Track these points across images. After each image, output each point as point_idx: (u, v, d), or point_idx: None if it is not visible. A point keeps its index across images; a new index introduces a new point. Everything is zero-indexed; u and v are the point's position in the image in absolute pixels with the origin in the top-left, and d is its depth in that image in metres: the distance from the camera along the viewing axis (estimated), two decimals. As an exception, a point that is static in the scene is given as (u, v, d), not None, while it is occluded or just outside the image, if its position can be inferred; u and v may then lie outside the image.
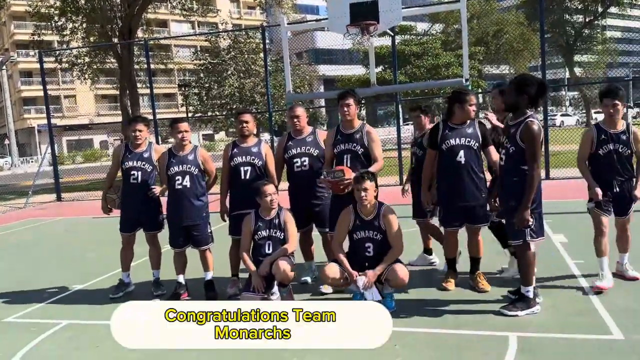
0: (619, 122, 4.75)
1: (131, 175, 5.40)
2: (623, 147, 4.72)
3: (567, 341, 3.75)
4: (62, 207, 14.27)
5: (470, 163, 4.75)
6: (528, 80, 4.22)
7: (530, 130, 4.10)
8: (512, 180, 4.24)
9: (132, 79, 19.52)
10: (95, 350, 4.21)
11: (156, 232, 5.53)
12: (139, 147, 5.47)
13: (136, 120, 5.56)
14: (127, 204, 5.48)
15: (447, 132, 4.80)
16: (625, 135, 4.73)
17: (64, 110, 51.58)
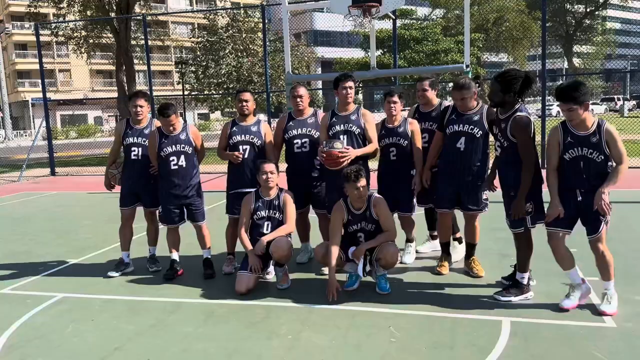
0: (588, 122, 3.91)
1: (132, 152, 5.36)
2: (593, 152, 3.91)
3: (559, 327, 3.80)
4: (56, 182, 14.21)
5: (470, 151, 4.71)
6: (512, 77, 4.17)
7: (520, 124, 4.10)
8: (509, 173, 4.27)
9: (129, 55, 19.33)
10: (91, 324, 4.23)
11: (156, 209, 5.51)
12: (140, 123, 5.42)
13: (137, 95, 5.49)
14: (127, 180, 5.46)
15: (453, 117, 4.81)
16: (596, 137, 3.90)
17: (58, 84, 51.06)
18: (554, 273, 4.96)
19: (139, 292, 4.95)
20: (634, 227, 6.57)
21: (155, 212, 5.53)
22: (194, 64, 28.29)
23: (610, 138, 3.89)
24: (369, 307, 4.30)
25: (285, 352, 3.60)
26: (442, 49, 28.55)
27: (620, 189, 9.28)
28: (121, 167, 5.52)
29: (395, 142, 5.08)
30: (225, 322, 4.15)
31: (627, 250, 5.63)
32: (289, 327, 4.00)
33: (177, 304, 4.57)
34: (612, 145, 3.89)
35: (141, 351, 3.70)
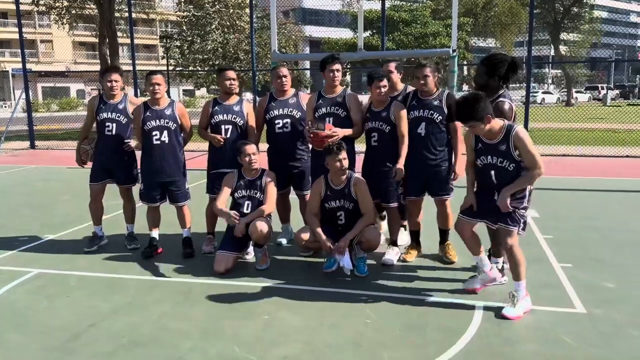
0: (495, 131, 3.79)
1: (106, 127, 5.28)
2: (503, 160, 3.80)
3: (531, 312, 3.87)
4: (35, 155, 13.99)
5: (431, 136, 4.71)
6: (498, 60, 4.19)
7: (502, 111, 4.11)
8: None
9: (112, 27, 18.93)
10: (66, 300, 4.21)
11: (131, 185, 5.47)
12: (114, 98, 5.33)
13: (110, 70, 5.37)
14: (100, 156, 5.39)
15: (414, 103, 4.79)
16: (504, 145, 3.78)
17: (39, 55, 49.94)
18: (528, 260, 5.05)
19: (116, 269, 4.93)
20: (609, 216, 6.70)
21: (131, 189, 5.49)
22: (179, 39, 27.81)
23: (519, 143, 3.74)
24: (346, 289, 4.34)
25: (261, 331, 3.62)
26: (431, 32, 28.49)
27: (597, 177, 9.48)
28: (94, 143, 5.44)
29: (377, 127, 4.87)
30: (202, 301, 4.16)
31: (600, 237, 5.74)
32: (266, 307, 4.02)
33: (155, 282, 4.57)
34: (522, 151, 3.75)
35: (116, 329, 3.70)
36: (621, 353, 3.29)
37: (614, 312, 3.85)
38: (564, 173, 10.11)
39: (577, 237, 5.77)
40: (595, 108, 29.80)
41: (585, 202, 7.47)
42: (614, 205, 7.31)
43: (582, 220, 6.49)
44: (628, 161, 11.55)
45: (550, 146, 13.14)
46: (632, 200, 7.58)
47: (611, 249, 5.33)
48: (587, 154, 12.34)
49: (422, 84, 4.70)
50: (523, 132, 3.79)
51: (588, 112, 22.38)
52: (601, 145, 12.96)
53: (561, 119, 19.20)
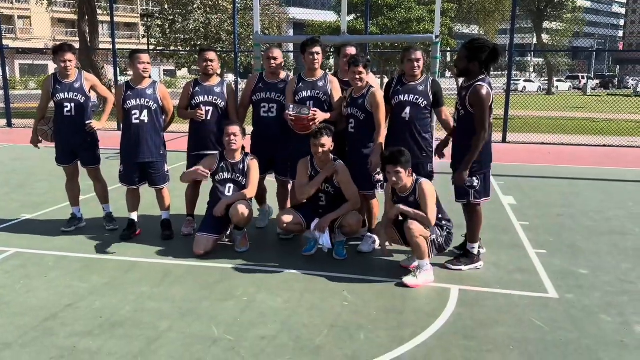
0: (408, 185, 4.28)
1: (64, 108, 5.16)
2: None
3: (505, 296, 3.96)
4: (12, 134, 13.73)
5: (415, 121, 4.67)
6: (480, 45, 4.23)
7: (478, 95, 4.15)
8: (462, 142, 4.35)
9: (92, 4, 18.54)
10: (44, 280, 4.17)
11: (96, 166, 5.42)
12: (69, 78, 5.20)
13: (63, 49, 5.16)
14: (61, 137, 5.28)
15: (398, 88, 4.74)
16: (413, 196, 4.26)
17: (17, 31, 48.71)
18: (503, 244, 5.15)
19: (94, 250, 4.90)
20: (585, 203, 6.83)
21: (98, 169, 5.45)
22: (161, 18, 27.36)
23: (421, 194, 4.22)
24: (324, 272, 4.38)
25: (239, 313, 3.65)
26: (415, 17, 28.40)
27: (575, 166, 9.64)
28: (51, 123, 5.34)
29: (353, 114, 4.76)
30: (181, 282, 4.17)
31: (576, 225, 5.86)
32: (245, 289, 4.05)
33: (133, 263, 4.56)
34: (422, 202, 4.21)
35: (94, 309, 3.69)
36: (591, 336, 3.38)
37: (586, 298, 3.96)
38: (543, 161, 10.27)
39: (552, 224, 5.89)
40: (575, 97, 30.18)
41: (562, 190, 7.61)
42: (591, 193, 7.46)
43: (559, 207, 6.61)
44: (606, 150, 11.76)
45: (530, 134, 13.30)
46: (608, 189, 7.74)
47: (586, 236, 5.45)
48: (566, 142, 12.53)
49: (416, 66, 4.63)
50: (427, 185, 4.27)
51: (568, 101, 22.63)
52: (580, 134, 13.17)
53: (542, 108, 19.41)
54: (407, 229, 4.15)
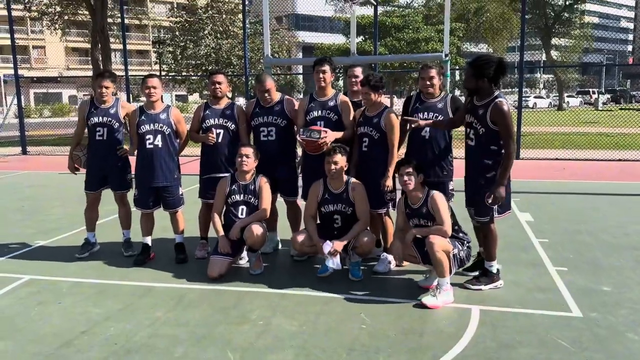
0: (419, 194, 4.33)
1: (97, 132, 5.21)
2: (427, 221, 4.31)
3: (526, 316, 3.86)
4: (27, 161, 13.88)
5: (436, 138, 4.64)
6: (485, 61, 4.17)
7: (502, 111, 4.10)
8: (482, 161, 4.26)
9: (105, 33, 18.88)
10: (58, 307, 4.14)
11: (125, 191, 5.41)
12: (105, 103, 5.26)
13: (103, 75, 5.28)
14: (93, 162, 5.32)
15: (417, 106, 4.73)
16: (425, 208, 4.32)
17: (32, 61, 49.73)
18: (523, 262, 5.05)
19: (108, 275, 4.87)
20: (603, 219, 6.71)
21: (125, 195, 5.43)
22: (172, 44, 27.80)
23: (434, 205, 4.23)
24: (340, 294, 4.30)
25: (255, 337, 3.58)
26: (423, 37, 28.56)
27: (591, 181, 9.50)
28: (86, 150, 5.38)
29: (367, 132, 4.75)
30: (196, 306, 4.12)
31: (595, 241, 5.74)
32: (260, 312, 3.98)
33: (147, 288, 4.51)
34: (436, 214, 4.22)
35: (108, 335, 3.64)
36: (619, 356, 3.27)
37: (611, 316, 3.84)
38: (558, 177, 10.14)
39: (571, 240, 5.77)
40: (587, 112, 30.04)
41: (579, 206, 7.48)
42: (608, 208, 7.32)
43: (577, 223, 6.49)
44: (622, 164, 11.60)
45: (544, 150, 13.19)
46: (626, 204, 7.60)
47: (606, 252, 5.33)
48: (581, 157, 12.38)
49: (428, 85, 4.62)
50: (439, 196, 4.27)
51: (580, 116, 22.51)
52: (595, 149, 13.02)
53: (554, 123, 19.29)
54: (428, 244, 4.08)
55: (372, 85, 4.68)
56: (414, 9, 33.84)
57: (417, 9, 34.42)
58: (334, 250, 4.46)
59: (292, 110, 5.16)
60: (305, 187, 5.05)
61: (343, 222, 4.68)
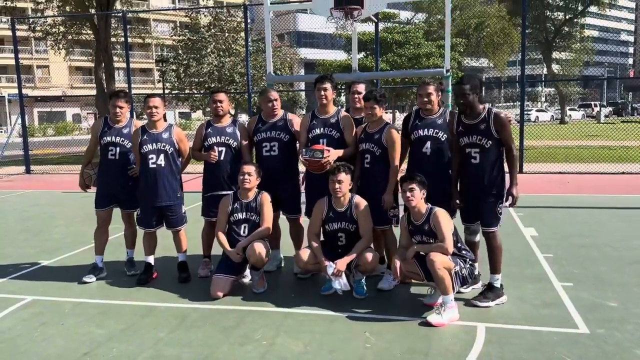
0: (421, 210, 4.32)
1: (109, 151, 5.22)
2: (429, 238, 4.28)
3: (533, 333, 3.81)
4: (30, 180, 13.92)
5: (437, 155, 4.63)
6: (473, 77, 4.40)
7: (503, 119, 4.31)
8: (491, 173, 4.32)
9: (108, 52, 19.04)
10: (61, 328, 4.12)
11: (133, 210, 5.38)
12: (119, 123, 5.27)
13: (117, 95, 5.31)
14: (104, 180, 5.31)
15: (417, 123, 4.71)
16: (428, 225, 4.29)
17: (36, 80, 50.20)
18: (528, 278, 5.01)
19: (111, 295, 4.85)
20: (608, 233, 6.66)
21: (133, 214, 5.41)
22: (175, 63, 28.02)
23: (436, 222, 4.20)
24: (345, 312, 4.27)
25: (259, 357, 3.55)
26: (424, 53, 28.67)
27: (595, 194, 9.46)
28: (97, 168, 5.39)
29: (369, 149, 4.75)
30: (199, 326, 4.09)
31: (600, 255, 5.70)
32: (264, 332, 3.95)
33: (150, 308, 4.49)
34: (438, 231, 4.18)
35: (111, 356, 3.61)
36: (627, 374, 3.22)
37: (617, 332, 3.80)
38: (562, 190, 10.11)
39: (576, 255, 5.73)
40: (589, 125, 30.01)
41: (584, 220, 7.44)
42: (613, 222, 7.28)
43: (582, 238, 6.45)
44: (626, 178, 11.57)
45: (547, 164, 13.17)
46: (630, 217, 7.56)
47: (612, 267, 5.29)
48: (584, 171, 12.35)
49: (426, 101, 4.64)
50: (441, 212, 4.24)
51: (582, 130, 22.51)
52: (598, 162, 12.99)
53: (556, 137, 19.29)
54: (429, 261, 4.06)
55: (377, 99, 4.70)
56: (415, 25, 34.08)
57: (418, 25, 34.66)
58: (337, 271, 4.43)
59: (294, 126, 5.18)
60: (308, 205, 5.04)
61: (347, 240, 4.66)
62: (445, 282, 4.03)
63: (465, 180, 4.48)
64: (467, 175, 4.45)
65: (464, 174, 4.48)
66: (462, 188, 4.52)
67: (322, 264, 4.51)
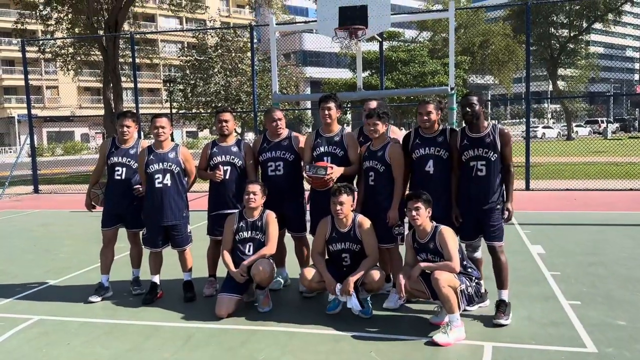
0: (426, 228, 4.35)
1: (116, 171, 5.26)
2: (434, 256, 4.29)
3: (541, 353, 3.77)
4: (39, 200, 14.02)
5: (440, 173, 4.61)
6: (481, 94, 4.62)
7: (508, 134, 4.43)
8: (495, 186, 4.41)
9: (117, 73, 19.27)
10: (66, 348, 4.12)
11: (138, 230, 5.39)
12: (126, 143, 5.34)
13: (125, 115, 5.37)
14: (110, 200, 5.35)
15: (417, 142, 4.71)
16: (433, 243, 4.28)
17: (45, 101, 50.82)
18: (535, 296, 4.97)
19: (116, 315, 4.85)
20: (616, 250, 6.61)
21: (139, 234, 5.43)
22: (183, 82, 28.28)
23: (442, 241, 4.21)
24: (350, 332, 4.24)
25: (264, 378, 3.53)
26: (429, 71, 28.83)
27: (602, 211, 9.39)
28: (105, 188, 5.43)
29: (373, 166, 4.74)
30: (204, 347, 4.07)
31: (608, 273, 5.64)
32: (269, 352, 3.93)
33: (155, 328, 4.48)
34: (444, 249, 4.19)
35: (116, 377, 3.60)
36: (636, 394, 3.18)
37: (626, 351, 3.75)
38: (569, 207, 10.05)
39: (584, 273, 5.68)
40: (596, 142, 29.93)
41: (591, 237, 7.39)
42: (621, 239, 7.22)
43: (590, 255, 6.40)
44: (634, 194, 11.48)
45: (554, 180, 13.12)
46: (638, 235, 7.49)
47: (620, 285, 5.23)
48: (591, 187, 12.29)
49: (426, 119, 4.64)
50: (447, 230, 4.26)
51: (589, 146, 22.45)
52: (605, 179, 12.92)
53: (563, 153, 19.24)
54: (434, 280, 4.04)
55: (380, 116, 4.72)
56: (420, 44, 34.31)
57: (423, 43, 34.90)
58: (346, 290, 4.41)
59: (299, 145, 5.21)
60: (313, 223, 5.05)
61: (352, 260, 4.65)
62: (451, 300, 4.01)
63: (469, 194, 4.48)
64: (471, 188, 4.46)
65: (467, 187, 4.49)
66: (464, 203, 4.52)
67: (330, 285, 4.50)
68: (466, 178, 4.47)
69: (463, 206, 4.53)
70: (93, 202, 5.48)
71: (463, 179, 4.50)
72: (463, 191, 4.52)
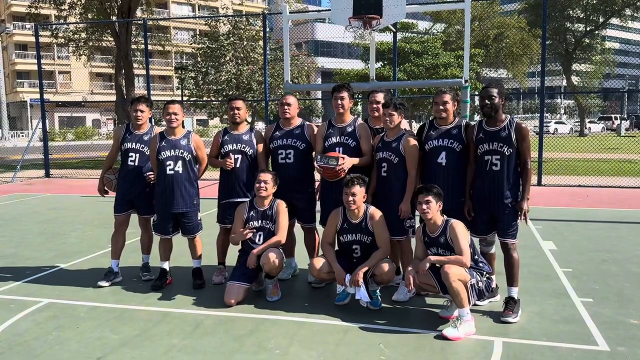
0: (437, 222, 4.27)
1: (129, 157, 5.26)
2: (445, 250, 4.25)
3: (551, 349, 3.73)
4: (50, 184, 14.11)
5: (452, 165, 4.54)
6: (502, 86, 4.41)
7: (525, 128, 4.31)
8: (510, 181, 4.31)
9: (129, 59, 19.28)
10: (75, 332, 4.14)
11: (150, 216, 5.40)
12: (140, 129, 5.32)
13: (139, 100, 5.35)
14: (123, 185, 5.35)
15: (431, 133, 4.64)
16: (444, 237, 4.25)
17: (57, 86, 51.05)
18: (546, 292, 4.92)
19: (126, 300, 4.86)
20: (629, 248, 6.52)
21: (150, 220, 5.43)
22: (194, 70, 28.27)
23: (452, 235, 4.15)
24: (359, 323, 4.22)
25: (271, 367, 3.52)
26: (442, 63, 28.57)
27: (615, 208, 9.28)
28: (118, 173, 5.42)
29: (387, 158, 4.70)
30: (213, 334, 4.07)
31: (621, 271, 5.57)
32: (277, 341, 3.92)
33: (164, 314, 4.49)
34: (455, 243, 4.14)
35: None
36: (649, 394, 3.13)
37: (639, 350, 3.69)
38: (582, 204, 9.95)
39: (597, 270, 5.62)
40: (609, 138, 29.62)
41: (604, 234, 7.30)
42: (634, 237, 7.13)
43: (602, 252, 6.33)
44: (646, 192, 11.33)
45: (566, 176, 12.99)
46: (652, 233, 7.39)
47: (633, 282, 5.17)
48: (604, 184, 12.15)
49: (442, 109, 4.56)
50: (458, 225, 4.19)
51: (602, 143, 22.20)
52: (618, 176, 12.77)
53: (575, 149, 19.04)
54: (443, 274, 4.00)
55: (396, 106, 4.67)
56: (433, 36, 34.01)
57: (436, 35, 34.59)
58: (355, 280, 4.38)
59: (311, 135, 5.16)
60: (323, 213, 5.02)
61: (362, 252, 4.62)
62: (461, 295, 3.97)
63: (483, 189, 4.41)
64: (485, 183, 4.39)
65: (482, 182, 4.41)
66: (478, 198, 4.46)
67: (340, 275, 4.48)
68: (480, 172, 4.40)
69: (477, 201, 4.47)
70: (106, 187, 5.48)
71: (478, 173, 4.44)
72: (478, 185, 4.45)
